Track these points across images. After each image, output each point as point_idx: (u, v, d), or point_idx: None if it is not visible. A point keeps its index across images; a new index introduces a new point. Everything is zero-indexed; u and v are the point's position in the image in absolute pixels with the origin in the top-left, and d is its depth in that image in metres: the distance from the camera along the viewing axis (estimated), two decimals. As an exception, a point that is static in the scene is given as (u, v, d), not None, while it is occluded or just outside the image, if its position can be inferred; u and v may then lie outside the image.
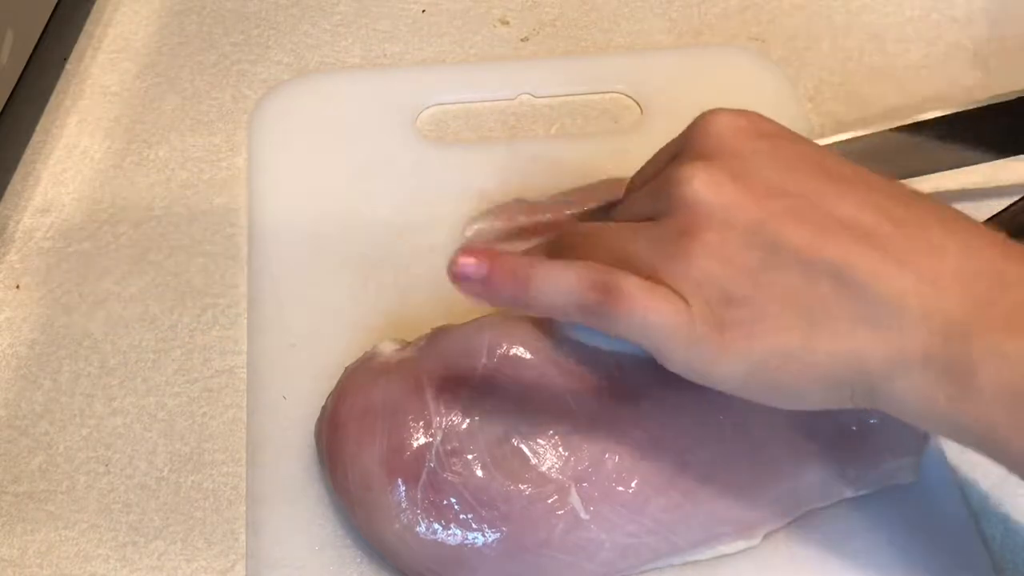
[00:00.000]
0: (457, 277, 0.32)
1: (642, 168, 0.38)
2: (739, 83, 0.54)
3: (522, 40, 0.57)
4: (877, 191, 0.32)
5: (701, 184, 0.31)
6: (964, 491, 0.40)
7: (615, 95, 0.54)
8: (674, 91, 0.53)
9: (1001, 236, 0.31)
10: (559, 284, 0.32)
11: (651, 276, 0.31)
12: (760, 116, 0.34)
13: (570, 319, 0.33)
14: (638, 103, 0.53)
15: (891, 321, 0.29)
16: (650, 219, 0.33)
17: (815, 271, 0.30)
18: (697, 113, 0.35)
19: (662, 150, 0.37)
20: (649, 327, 0.31)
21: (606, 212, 0.40)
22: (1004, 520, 0.40)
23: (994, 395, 0.29)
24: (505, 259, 0.32)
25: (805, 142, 0.34)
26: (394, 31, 0.57)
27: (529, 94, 0.53)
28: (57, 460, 0.41)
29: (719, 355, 0.31)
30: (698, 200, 0.31)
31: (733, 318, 0.31)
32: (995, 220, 0.44)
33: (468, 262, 0.32)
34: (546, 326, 0.38)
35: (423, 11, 0.58)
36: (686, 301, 0.31)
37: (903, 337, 0.29)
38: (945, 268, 0.30)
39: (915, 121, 0.45)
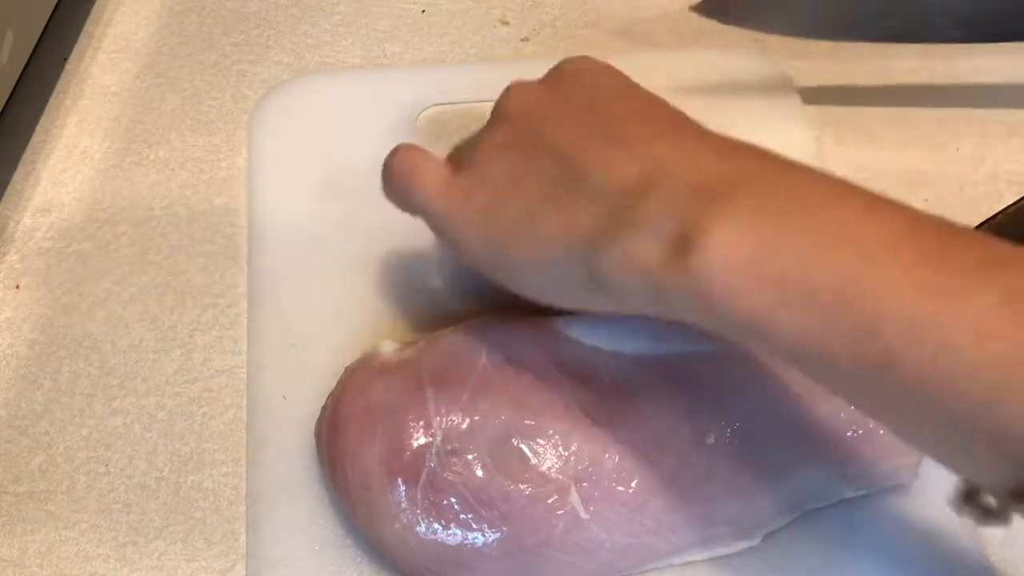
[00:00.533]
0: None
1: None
2: (739, 84, 0.54)
3: (522, 40, 0.57)
4: (665, 123, 0.34)
5: (519, 89, 0.37)
6: (964, 491, 0.40)
7: (615, 95, 0.53)
8: (674, 92, 0.52)
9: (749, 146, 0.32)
10: (392, 174, 0.38)
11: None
12: (613, 68, 0.38)
13: (402, 207, 0.39)
14: (638, 103, 0.53)
15: (606, 200, 0.32)
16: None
17: (561, 164, 0.34)
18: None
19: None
20: (423, 196, 0.37)
21: None
22: (1004, 520, 0.40)
23: (726, 267, 0.28)
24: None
25: (639, 88, 0.37)
26: (394, 31, 0.57)
27: (529, 94, 0.53)
28: (57, 460, 0.41)
29: (465, 223, 0.36)
30: (510, 102, 0.37)
31: (487, 195, 0.35)
32: (995, 220, 0.44)
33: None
34: (546, 326, 0.39)
35: (423, 11, 0.58)
36: (456, 174, 0.36)
37: (616, 213, 0.31)
38: (676, 154, 0.32)
39: None
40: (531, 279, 0.35)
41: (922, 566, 0.38)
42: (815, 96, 0.54)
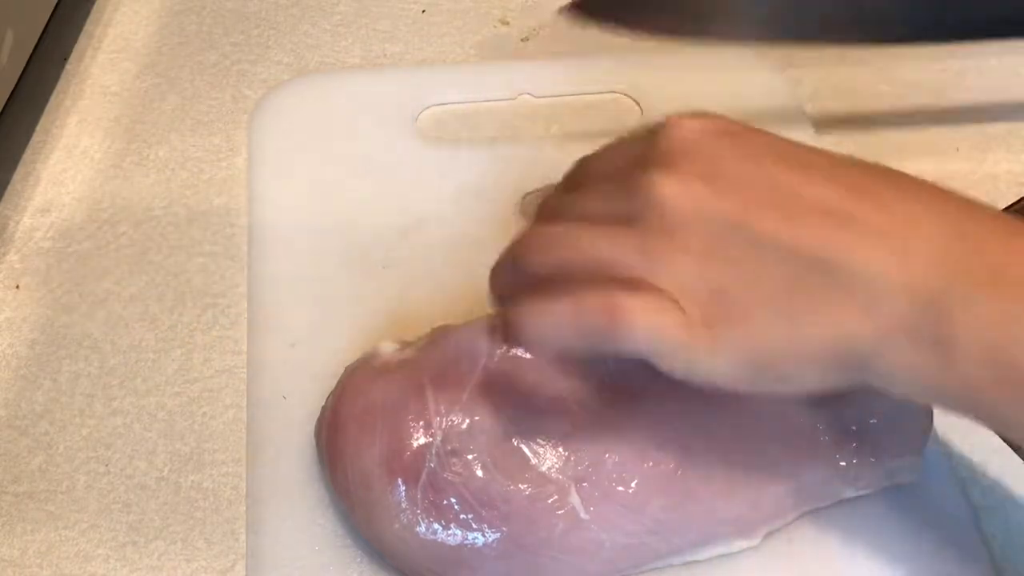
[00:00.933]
0: None
1: (600, 154, 0.37)
2: (739, 83, 0.54)
3: (522, 40, 0.57)
4: (842, 169, 0.32)
5: (672, 189, 0.31)
6: (965, 490, 0.40)
7: (615, 95, 0.54)
8: (674, 91, 0.53)
9: (964, 196, 0.31)
10: (564, 313, 0.32)
11: (639, 286, 0.32)
12: (721, 116, 0.34)
13: (573, 350, 0.33)
14: (638, 103, 0.53)
15: (872, 298, 0.30)
16: (621, 222, 0.33)
17: (793, 258, 0.30)
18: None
19: (623, 143, 0.36)
20: (652, 338, 0.31)
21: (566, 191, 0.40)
22: (1005, 519, 0.40)
23: (975, 358, 0.29)
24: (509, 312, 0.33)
25: (766, 134, 0.34)
26: (394, 31, 0.57)
27: (529, 94, 0.53)
28: (57, 460, 0.41)
29: (713, 352, 0.31)
30: (672, 205, 0.31)
31: (722, 315, 0.31)
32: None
33: None
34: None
35: (423, 11, 0.58)
36: (677, 303, 0.31)
37: (885, 312, 0.30)
38: (919, 237, 0.30)
39: None
40: (797, 381, 0.32)
41: (922, 566, 0.38)
42: (815, 96, 0.54)
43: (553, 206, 0.37)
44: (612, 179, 0.34)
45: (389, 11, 0.58)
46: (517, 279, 0.35)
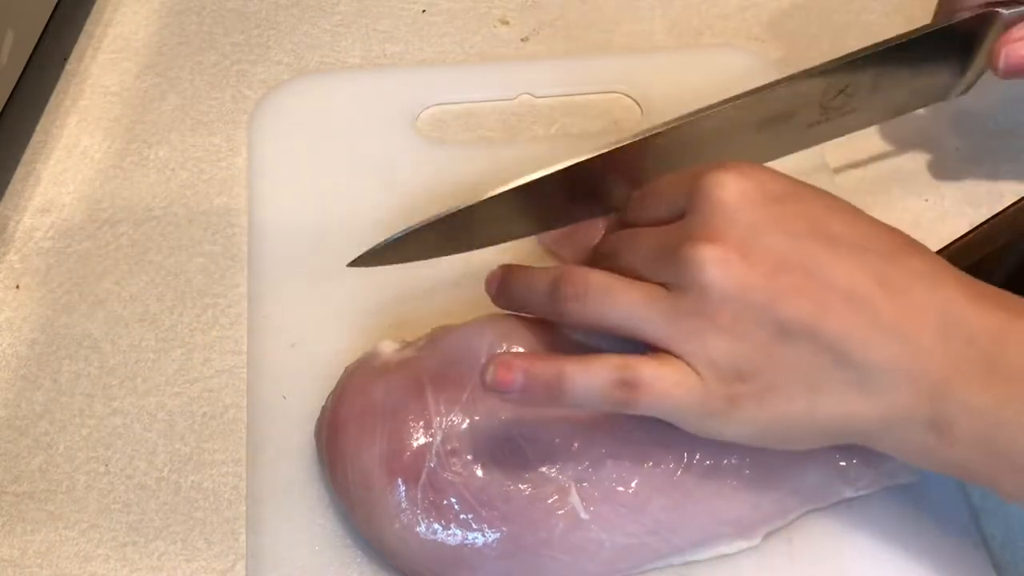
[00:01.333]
0: (495, 387, 0.34)
1: (649, 194, 0.38)
2: (739, 83, 0.54)
3: (522, 40, 0.57)
4: (870, 251, 0.34)
5: (713, 267, 0.33)
6: (964, 491, 0.40)
7: (615, 95, 0.54)
8: (674, 91, 0.53)
9: (967, 279, 0.34)
10: (588, 385, 0.34)
11: (668, 349, 0.34)
12: (764, 174, 0.36)
13: (598, 410, 0.36)
14: (638, 103, 0.53)
15: (880, 386, 0.33)
16: (659, 282, 0.35)
17: (815, 344, 0.33)
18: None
19: (669, 182, 0.38)
20: (667, 409, 0.34)
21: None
22: (1004, 520, 0.40)
23: (971, 444, 0.33)
24: (536, 369, 0.34)
25: (806, 197, 0.36)
26: (394, 31, 0.57)
27: (529, 94, 0.53)
28: (57, 460, 0.41)
29: (728, 422, 0.34)
30: (712, 283, 0.33)
31: (743, 391, 0.34)
32: (995, 220, 0.44)
33: (505, 378, 0.34)
34: (547, 326, 0.39)
35: (423, 11, 0.58)
36: (700, 375, 0.34)
37: (891, 399, 0.33)
38: (926, 329, 0.33)
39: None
40: (802, 446, 0.36)
41: (922, 566, 0.38)
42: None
43: (603, 252, 0.39)
44: (660, 237, 0.36)
45: (389, 11, 0.58)
46: (545, 310, 0.37)
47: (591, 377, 0.34)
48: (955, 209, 0.49)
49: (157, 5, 0.58)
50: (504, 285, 0.39)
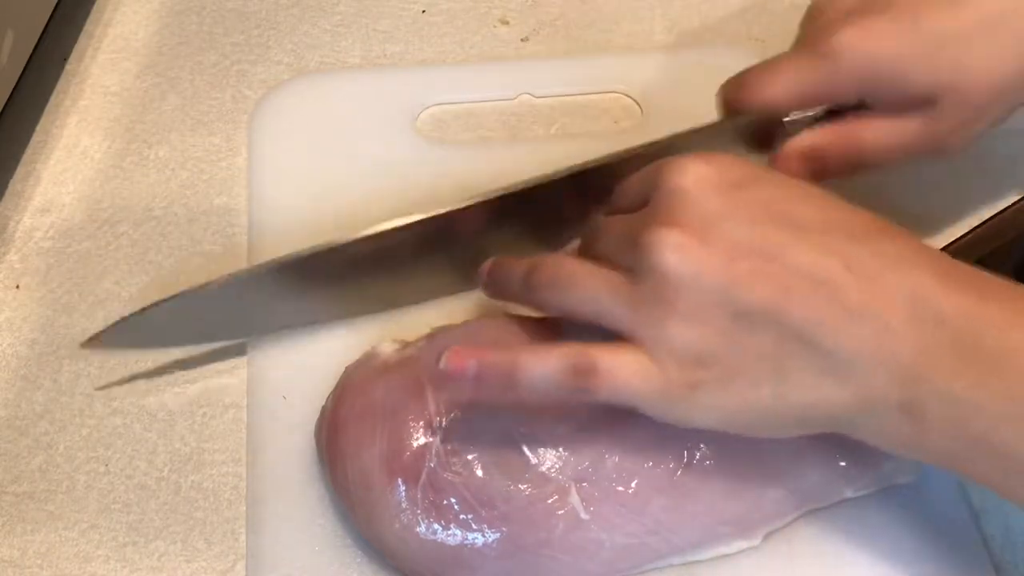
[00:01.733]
0: (449, 376, 0.35)
1: (629, 184, 0.38)
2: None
3: (522, 40, 0.57)
4: (835, 231, 0.33)
5: (671, 252, 0.33)
6: (964, 491, 0.40)
7: (615, 95, 0.54)
8: (674, 91, 0.53)
9: (942, 261, 0.33)
10: (543, 372, 0.34)
11: (630, 335, 0.34)
12: (727, 161, 0.35)
13: (556, 397, 0.35)
14: (638, 103, 0.53)
15: (851, 372, 0.32)
16: (624, 270, 0.35)
17: (780, 330, 0.32)
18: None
19: (642, 172, 0.37)
20: (627, 396, 0.34)
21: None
22: (1004, 519, 0.40)
23: (945, 429, 0.32)
24: (488, 357, 0.35)
25: (771, 183, 0.35)
26: (394, 31, 0.57)
27: (529, 94, 0.53)
28: (57, 460, 0.41)
29: (692, 409, 0.34)
30: (669, 269, 0.33)
31: (703, 377, 0.33)
32: (995, 220, 0.44)
33: (458, 365, 0.34)
34: (547, 325, 0.39)
35: (423, 11, 0.58)
36: (658, 362, 0.33)
37: (862, 385, 0.32)
38: (895, 312, 0.32)
39: None
40: (773, 435, 0.35)
41: (922, 566, 0.38)
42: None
43: (584, 242, 0.39)
44: (625, 224, 0.36)
45: (389, 11, 0.58)
46: (522, 298, 0.37)
47: (545, 364, 0.34)
48: (955, 209, 0.49)
49: (157, 5, 0.58)
50: (491, 275, 0.39)
